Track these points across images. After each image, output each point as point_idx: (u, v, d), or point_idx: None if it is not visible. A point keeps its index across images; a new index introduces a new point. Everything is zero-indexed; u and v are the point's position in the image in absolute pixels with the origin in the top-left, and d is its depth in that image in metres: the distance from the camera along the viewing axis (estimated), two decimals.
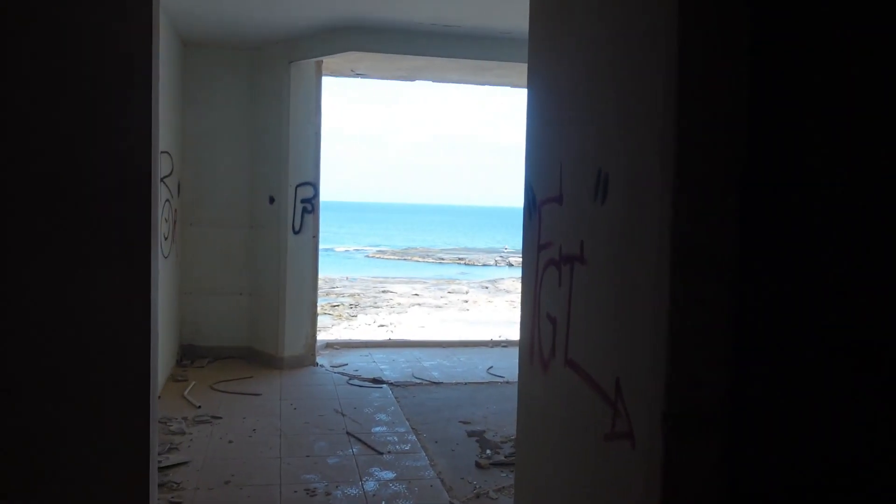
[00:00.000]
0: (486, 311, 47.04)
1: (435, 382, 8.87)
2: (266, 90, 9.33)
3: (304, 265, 9.28)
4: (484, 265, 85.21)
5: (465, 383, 8.91)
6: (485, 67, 9.89)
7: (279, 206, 9.15)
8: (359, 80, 12.32)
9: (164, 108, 8.04)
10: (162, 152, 7.89)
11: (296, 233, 9.17)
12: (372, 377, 8.91)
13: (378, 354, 10.34)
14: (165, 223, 8.14)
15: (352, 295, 54.50)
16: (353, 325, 37.11)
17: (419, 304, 48.47)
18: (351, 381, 8.71)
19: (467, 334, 26.75)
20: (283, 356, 9.19)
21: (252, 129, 9.52)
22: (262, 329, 9.42)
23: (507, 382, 8.91)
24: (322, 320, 42.59)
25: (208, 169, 9.46)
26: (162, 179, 7.90)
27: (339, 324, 39.90)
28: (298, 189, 9.16)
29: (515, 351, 10.91)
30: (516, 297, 51.23)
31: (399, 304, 49.96)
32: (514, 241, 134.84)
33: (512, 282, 65.13)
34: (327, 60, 9.41)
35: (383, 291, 56.31)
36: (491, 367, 9.75)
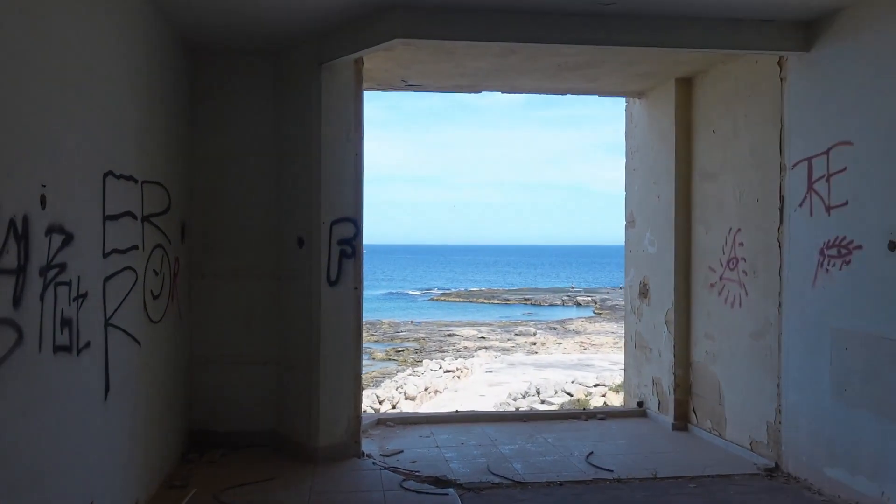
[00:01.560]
0: (556, 353, 44.24)
1: (519, 483, 6.33)
2: (292, 102, 7.11)
3: (343, 325, 6.94)
4: (551, 305, 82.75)
5: (561, 483, 6.34)
6: (569, 67, 7.53)
7: (310, 250, 6.87)
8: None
9: (154, 129, 5.87)
10: (147, 182, 5.73)
11: (332, 284, 6.86)
12: (434, 476, 6.42)
13: (442, 435, 7.88)
14: (156, 276, 5.92)
15: (417, 339, 52.50)
16: (419, 371, 34.91)
17: (486, 348, 45.97)
18: (406, 484, 6.25)
19: (550, 396, 24.08)
20: (319, 445, 6.81)
21: (276, 153, 7.30)
22: (293, 409, 7.08)
23: (619, 481, 6.34)
24: (388, 366, 40.29)
25: (222, 204, 7.26)
26: (148, 218, 5.71)
27: (404, 370, 37.75)
28: (334, 227, 6.87)
29: (616, 426, 8.31)
30: (586, 339, 48.20)
31: (465, 347, 47.56)
32: (580, 279, 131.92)
33: (581, 322, 62.27)
34: (369, 65, 7.19)
35: (449, 335, 54.14)
36: (591, 453, 7.17)
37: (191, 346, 7.11)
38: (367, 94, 7.49)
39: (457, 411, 8.75)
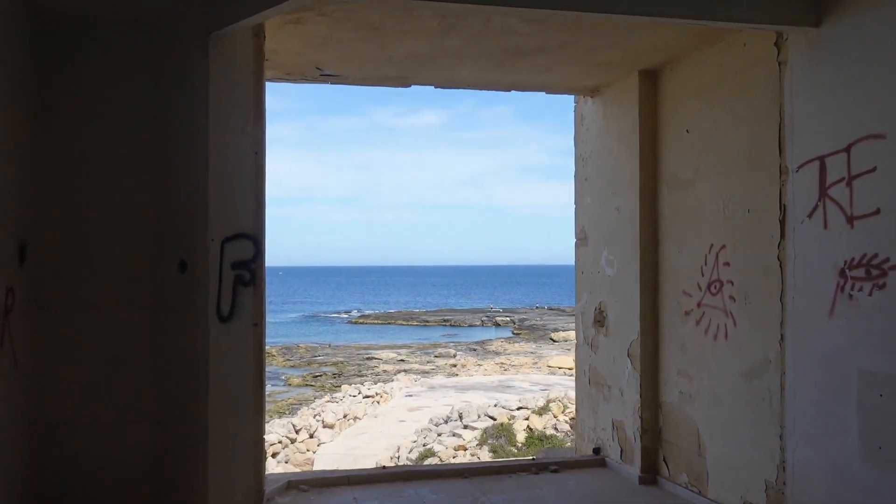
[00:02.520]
0: (477, 375, 42.95)
1: None
2: (174, 86, 5.40)
3: (239, 372, 5.27)
4: (470, 326, 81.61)
5: None
6: (521, 52, 6.12)
7: (194, 276, 5.18)
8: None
9: None
10: None
11: (224, 319, 5.18)
12: None
13: (368, 503, 6.26)
14: None
15: (335, 363, 50.27)
16: (337, 397, 32.95)
17: (405, 371, 44.23)
18: None
19: (473, 421, 22.65)
20: None
21: (155, 152, 5.57)
22: (175, 480, 5.34)
23: None
24: (305, 392, 38.14)
25: (80, 219, 5.44)
26: None
27: (321, 396, 35.66)
28: (227, 246, 5.21)
29: (573, 480, 6.56)
30: (506, 360, 47.17)
31: (385, 370, 45.67)
32: (499, 299, 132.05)
33: (501, 343, 61.35)
34: (274, 44, 5.60)
35: (368, 358, 52.13)
36: None
37: (32, 405, 5.27)
38: (277, 108, 5.91)
39: (384, 468, 7.12)
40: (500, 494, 6.40)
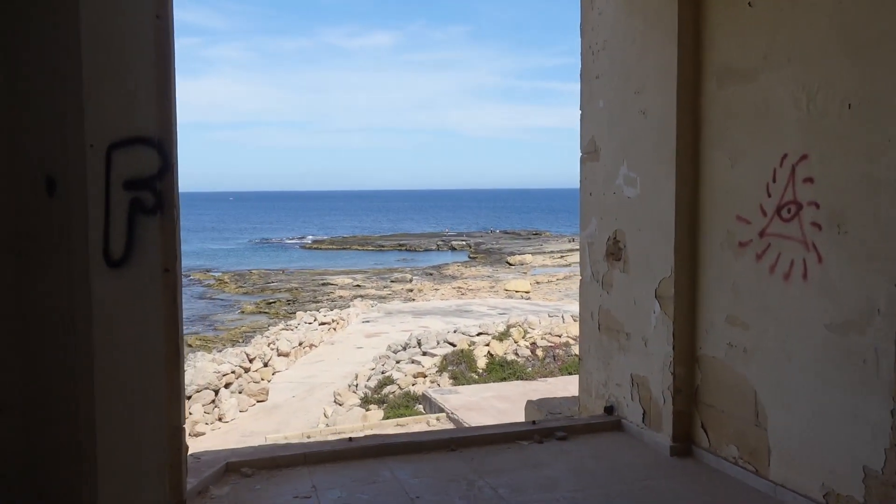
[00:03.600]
0: (434, 300, 41.73)
1: None
2: None
3: (142, 339, 3.57)
4: (426, 251, 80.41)
5: None
6: None
7: (68, 201, 3.41)
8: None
9: None
10: None
11: (114, 263, 3.45)
12: None
13: (331, 492, 4.70)
14: None
15: (289, 290, 48.49)
16: (292, 325, 31.43)
17: (362, 297, 42.71)
18: None
19: (433, 348, 21.39)
20: None
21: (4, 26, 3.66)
22: (50, 495, 3.67)
23: None
24: (259, 320, 36.63)
25: None
26: None
27: (276, 323, 34.08)
28: (115, 157, 3.42)
29: (588, 451, 3.99)
30: (462, 284, 46.01)
31: (340, 297, 44.08)
32: (454, 224, 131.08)
33: (457, 267, 60.20)
34: None
35: (323, 284, 50.45)
36: None
37: None
38: (220, 27, 3.99)
39: (350, 440, 5.53)
40: (501, 476, 4.90)
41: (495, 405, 14.27)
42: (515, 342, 19.27)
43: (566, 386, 15.31)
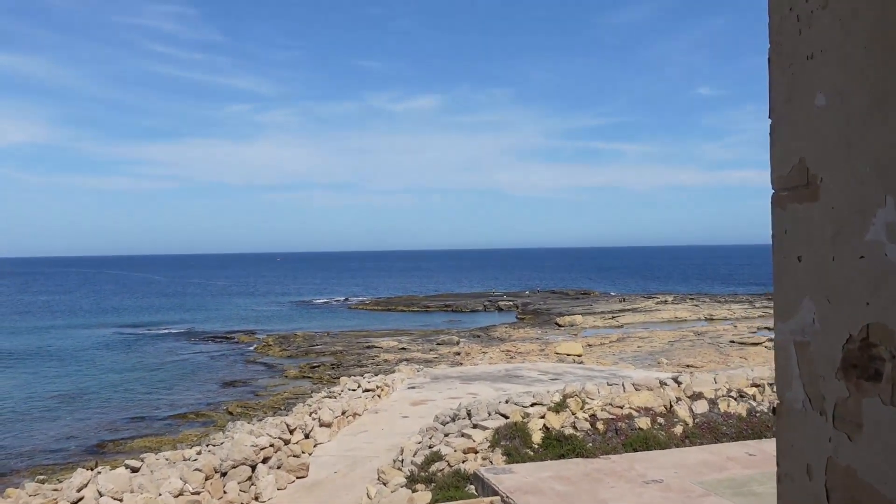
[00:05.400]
0: (482, 363, 40.49)
1: None
2: None
3: None
4: (473, 311, 79.26)
5: None
6: None
7: None
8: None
9: None
10: None
11: None
12: None
13: None
14: None
15: (333, 353, 47.70)
16: (335, 392, 30.45)
17: (407, 360, 41.66)
18: None
19: (483, 420, 20.23)
20: None
21: None
22: None
23: None
24: (301, 385, 35.91)
25: None
26: None
27: (319, 390, 33.17)
28: None
29: None
30: (511, 346, 44.67)
31: (385, 360, 43.07)
32: (500, 283, 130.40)
33: (505, 329, 58.98)
34: None
35: (368, 346, 49.59)
36: None
37: None
38: (271, 93, 3.17)
39: None
40: None
41: (554, 487, 12.98)
42: (573, 414, 17.92)
43: (631, 465, 13.96)
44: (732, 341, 46.16)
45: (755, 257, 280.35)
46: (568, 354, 40.13)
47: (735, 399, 17.78)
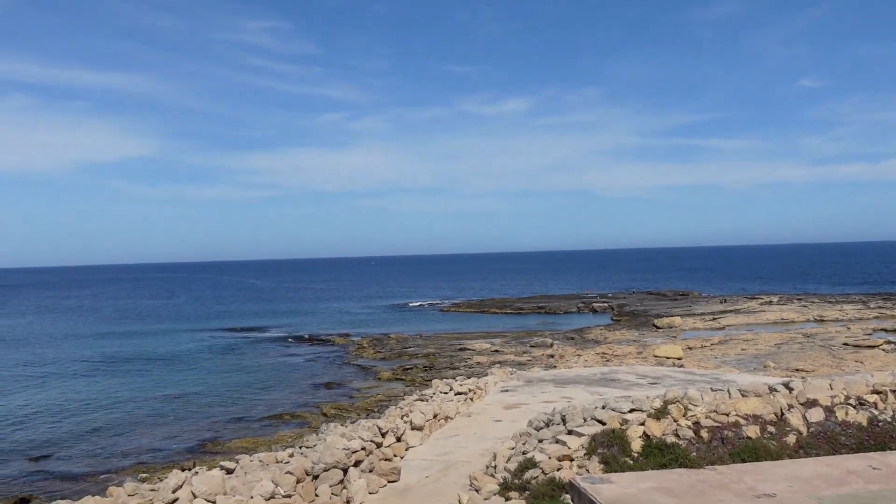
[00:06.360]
0: (577, 366, 39.50)
1: None
2: None
3: None
4: (566, 313, 77.97)
5: None
6: None
7: None
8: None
9: None
10: None
11: None
12: None
13: None
14: None
15: (426, 355, 47.66)
16: (427, 395, 30.30)
17: (500, 363, 41.10)
18: None
19: (579, 426, 19.54)
20: None
21: None
22: None
23: None
24: (394, 387, 35.93)
25: None
26: None
27: (411, 392, 33.09)
28: None
29: None
30: (607, 349, 43.41)
31: (478, 363, 42.62)
32: (593, 285, 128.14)
33: (600, 331, 57.60)
34: None
35: (460, 349, 49.32)
36: None
37: None
38: (363, 101, 2.87)
39: None
40: None
41: (656, 499, 12.19)
42: (675, 421, 17.00)
43: (741, 477, 13.01)
44: (846, 344, 43.45)
45: (866, 255, 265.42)
46: (667, 357, 38.68)
47: (854, 407, 16.45)
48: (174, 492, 12.19)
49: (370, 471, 17.21)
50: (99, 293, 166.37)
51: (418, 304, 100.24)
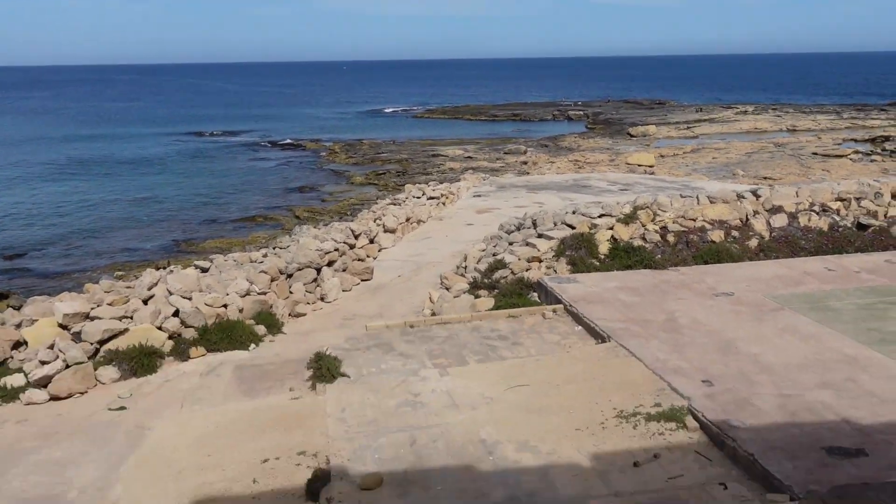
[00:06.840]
0: (549, 173, 39.70)
1: None
2: None
3: None
4: (541, 120, 77.28)
5: None
6: None
7: None
8: None
9: None
10: None
11: None
12: None
13: None
14: None
15: (399, 161, 47.54)
16: (400, 199, 30.50)
17: (473, 169, 41.16)
18: None
19: (549, 230, 19.81)
20: None
21: None
22: None
23: None
24: (367, 191, 35.99)
25: None
26: None
27: (384, 196, 33.26)
28: None
29: None
30: (580, 156, 43.49)
31: (451, 168, 42.64)
32: (570, 92, 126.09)
33: (574, 138, 57.39)
34: None
35: (433, 155, 49.09)
36: None
37: None
38: None
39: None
40: None
41: (620, 297, 12.69)
42: (643, 226, 17.29)
43: (702, 277, 13.50)
44: (815, 153, 43.94)
45: (851, 65, 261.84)
46: (639, 165, 38.97)
47: (817, 213, 16.82)
48: (149, 289, 12.35)
49: (343, 270, 17.54)
50: (59, 94, 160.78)
51: (391, 110, 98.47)
